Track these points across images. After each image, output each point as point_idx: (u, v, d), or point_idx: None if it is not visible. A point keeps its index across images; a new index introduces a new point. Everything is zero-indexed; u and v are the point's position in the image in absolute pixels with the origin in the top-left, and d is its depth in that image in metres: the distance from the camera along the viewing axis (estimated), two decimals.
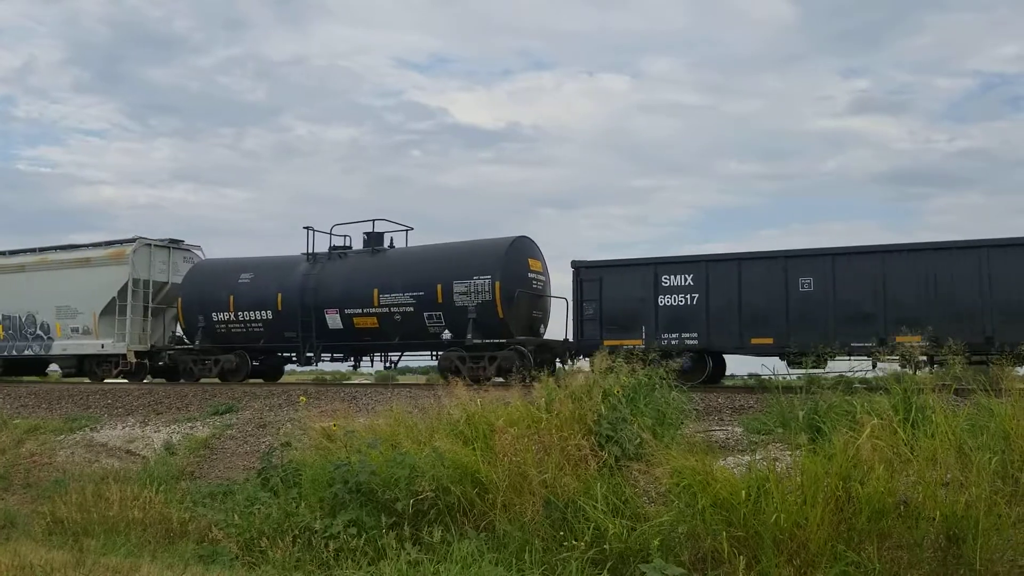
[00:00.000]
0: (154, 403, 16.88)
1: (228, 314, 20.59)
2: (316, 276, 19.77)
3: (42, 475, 13.29)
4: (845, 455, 7.09)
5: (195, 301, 21.15)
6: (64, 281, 22.63)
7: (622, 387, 10.03)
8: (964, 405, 8.50)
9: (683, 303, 16.42)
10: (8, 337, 23.82)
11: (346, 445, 9.17)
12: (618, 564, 7.03)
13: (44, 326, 23.05)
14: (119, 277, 21.85)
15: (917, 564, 6.60)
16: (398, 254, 19.87)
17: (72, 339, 22.51)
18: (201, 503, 10.40)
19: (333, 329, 19.38)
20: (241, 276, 20.72)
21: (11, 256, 24.49)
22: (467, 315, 17.80)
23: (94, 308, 22.03)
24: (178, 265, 22.87)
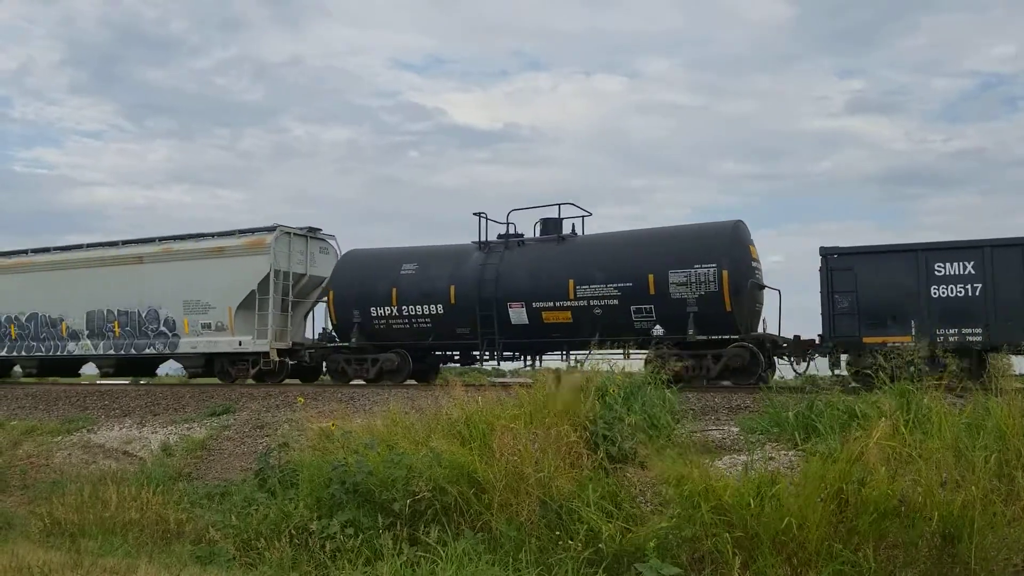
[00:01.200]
0: (151, 404, 16.87)
1: (390, 308, 18.62)
2: (495, 266, 17.75)
3: (39, 476, 13.29)
4: (849, 458, 7.10)
5: (350, 294, 19.17)
6: (193, 273, 20.69)
7: (617, 386, 10.07)
8: (963, 405, 8.53)
9: (962, 294, 14.47)
10: (125, 335, 21.72)
11: (343, 446, 9.18)
12: (613, 564, 7.05)
13: (169, 322, 20.96)
14: (258, 268, 19.96)
15: (913, 563, 6.63)
16: (593, 241, 17.82)
17: (203, 336, 20.47)
18: (198, 504, 10.41)
19: (516, 324, 17.49)
20: (404, 267, 18.79)
21: (125, 246, 22.42)
22: (685, 308, 15.87)
23: (230, 302, 20.08)
24: (315, 256, 21.18)
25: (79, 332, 22.29)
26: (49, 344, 22.95)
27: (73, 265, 22.60)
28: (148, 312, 21.31)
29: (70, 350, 22.52)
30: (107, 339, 21.89)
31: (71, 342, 22.53)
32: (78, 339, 22.37)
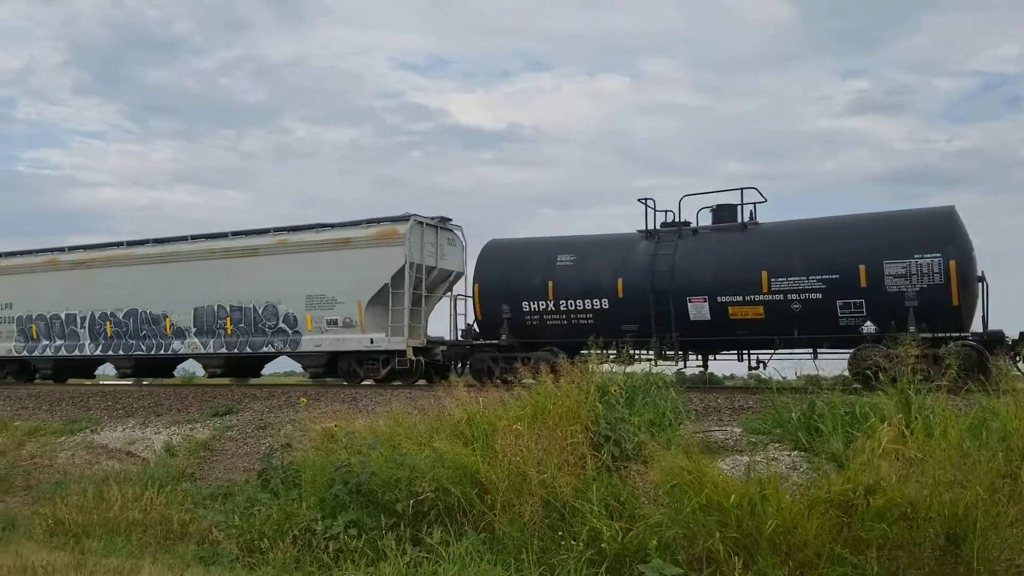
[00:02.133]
0: (154, 405, 16.91)
1: (545, 303, 17.03)
2: (669, 257, 16.19)
3: (43, 477, 13.32)
4: (855, 462, 7.08)
5: (497, 288, 17.61)
6: (317, 265, 19.24)
7: (620, 386, 10.08)
8: (966, 406, 8.52)
9: None
10: (238, 332, 20.20)
11: (346, 446, 9.20)
12: (615, 564, 7.05)
13: (290, 318, 19.48)
14: (392, 260, 18.54)
15: (915, 565, 6.62)
16: (788, 229, 16.20)
17: (328, 333, 18.98)
18: (202, 504, 10.44)
19: (696, 320, 15.91)
20: (559, 258, 17.25)
21: (235, 238, 20.85)
22: (904, 303, 14.28)
23: (359, 297, 18.66)
24: (443, 247, 19.79)
25: (185, 330, 20.88)
26: (151, 343, 21.48)
27: (178, 258, 21.26)
28: (265, 308, 19.82)
29: (175, 349, 21.12)
30: (218, 337, 20.41)
31: (176, 340, 21.07)
32: (184, 337, 20.92)
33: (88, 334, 22.33)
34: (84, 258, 22.82)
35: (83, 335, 22.44)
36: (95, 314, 22.26)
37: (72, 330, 22.62)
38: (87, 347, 22.38)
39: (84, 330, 22.40)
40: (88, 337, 22.37)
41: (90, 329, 22.29)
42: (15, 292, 23.69)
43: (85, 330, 22.37)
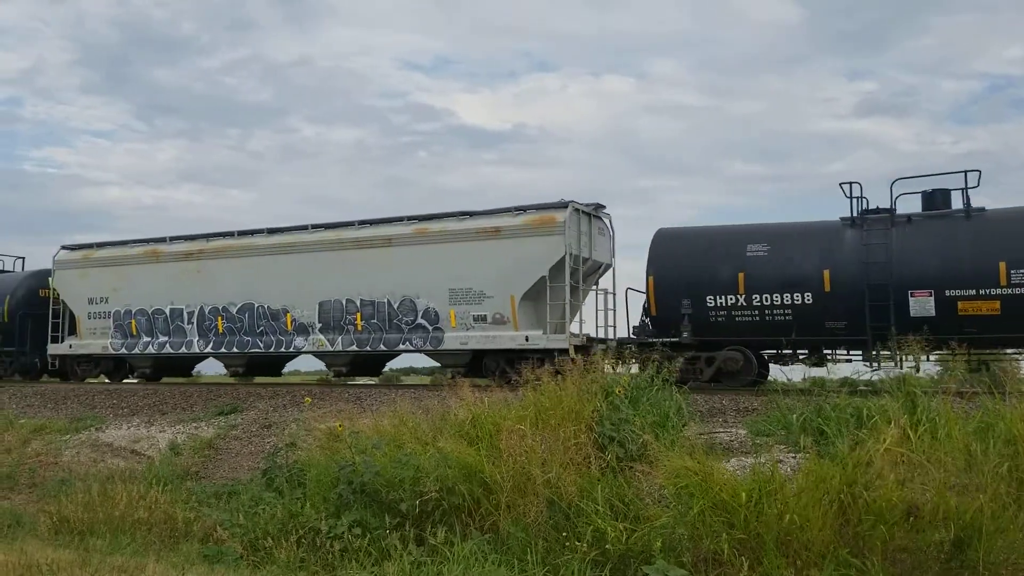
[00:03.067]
0: (159, 403, 16.93)
1: (734, 297, 15.66)
2: (884, 247, 14.91)
3: (48, 475, 13.35)
4: (855, 463, 7.07)
5: (676, 281, 16.21)
6: (461, 257, 17.56)
7: (624, 387, 10.07)
8: (973, 409, 8.49)
9: None
10: (370, 328, 18.49)
11: (351, 446, 9.20)
12: (619, 565, 7.05)
13: (430, 314, 17.82)
14: (550, 250, 16.87)
15: (920, 568, 6.60)
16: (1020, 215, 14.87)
17: (475, 330, 17.36)
18: (206, 503, 10.45)
19: (917, 316, 14.53)
20: (749, 248, 15.88)
21: (363, 227, 19.16)
22: None
23: (512, 291, 16.96)
24: (594, 237, 18.00)
25: (309, 325, 19.11)
26: (269, 339, 19.65)
27: (299, 248, 19.44)
28: (401, 302, 18.14)
29: (297, 346, 19.37)
30: (347, 333, 18.70)
31: (298, 337, 19.27)
32: (307, 333, 19.13)
33: (196, 330, 20.58)
34: (191, 249, 21.06)
35: (190, 331, 20.67)
36: (204, 309, 20.48)
37: (178, 326, 20.85)
38: (195, 344, 20.60)
39: (191, 326, 20.66)
40: (196, 333, 20.57)
41: (198, 325, 20.55)
42: (111, 286, 21.88)
43: (193, 326, 20.63)
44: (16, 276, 25.34)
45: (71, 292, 22.54)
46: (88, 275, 22.26)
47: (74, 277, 22.53)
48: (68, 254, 23.05)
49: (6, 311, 23.68)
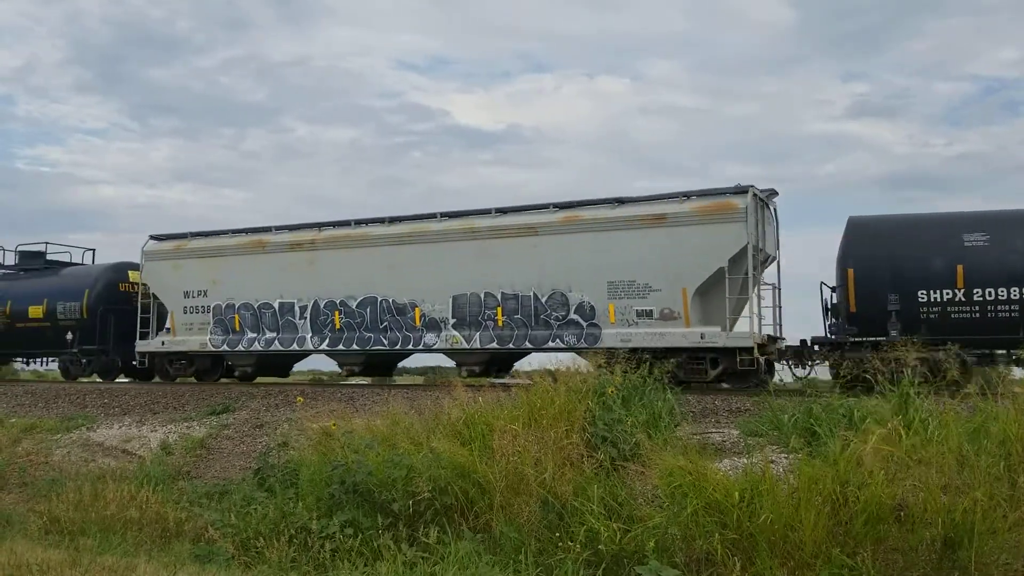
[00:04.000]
0: (151, 403, 16.87)
1: (950, 292, 14.46)
2: None
3: (38, 474, 13.28)
4: (844, 461, 7.11)
5: (880, 273, 14.95)
6: (621, 246, 16.10)
7: (616, 387, 10.08)
8: (964, 410, 8.52)
9: None
10: (513, 324, 16.94)
11: (344, 445, 9.18)
12: (612, 565, 7.05)
13: (584, 308, 16.30)
14: (729, 239, 15.37)
15: (912, 567, 6.62)
16: None
17: (638, 326, 15.81)
18: (197, 503, 10.41)
19: None
20: (966, 237, 14.64)
21: (501, 215, 17.56)
22: None
23: (684, 283, 15.49)
24: (763, 226, 16.31)
25: (441, 321, 17.59)
26: (394, 336, 18.04)
27: (428, 238, 17.95)
28: (550, 296, 16.61)
29: (427, 343, 17.77)
30: (485, 329, 17.14)
31: (429, 333, 17.68)
32: (439, 329, 17.59)
33: (309, 326, 18.90)
34: (301, 239, 19.40)
35: (302, 327, 18.97)
36: (319, 303, 18.80)
37: (288, 321, 19.15)
38: (308, 341, 18.88)
39: (304, 321, 18.98)
40: (309, 329, 18.88)
41: (312, 320, 18.88)
42: (209, 278, 20.24)
43: (305, 321, 18.95)
44: (94, 269, 24.11)
45: (163, 285, 21.07)
46: (182, 267, 20.71)
47: (166, 269, 20.98)
48: (158, 244, 21.34)
49: (85, 307, 22.43)
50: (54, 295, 23.09)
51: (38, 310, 23.18)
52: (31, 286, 24.06)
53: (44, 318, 23.03)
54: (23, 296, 23.76)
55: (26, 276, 24.79)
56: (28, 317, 23.34)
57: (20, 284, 24.43)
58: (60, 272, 24.50)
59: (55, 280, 23.93)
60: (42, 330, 23.21)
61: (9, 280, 24.91)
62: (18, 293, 24.00)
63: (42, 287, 23.75)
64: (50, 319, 22.92)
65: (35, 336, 23.51)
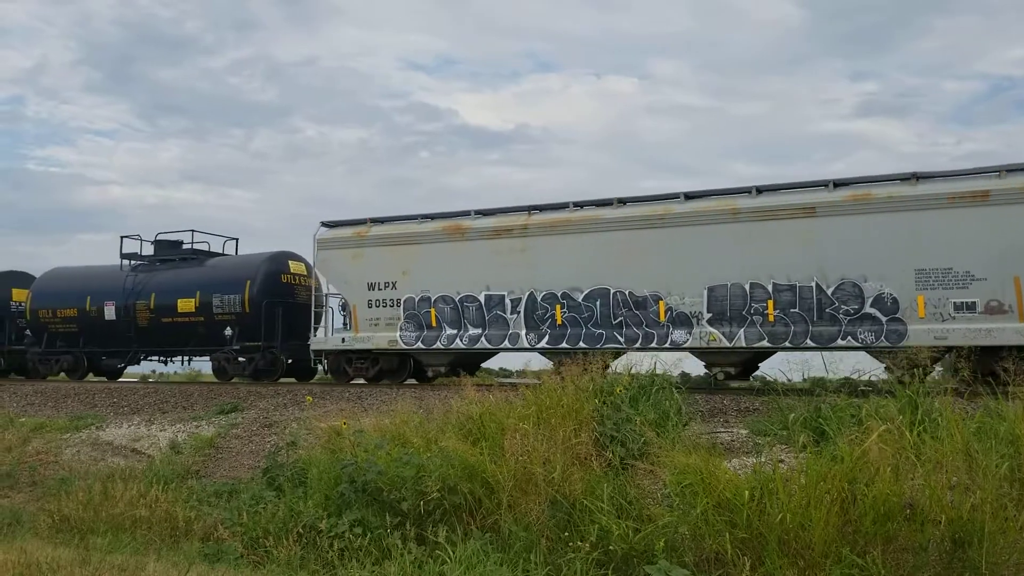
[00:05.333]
0: (159, 402, 16.92)
1: None
2: None
3: (48, 473, 13.34)
4: (851, 457, 7.11)
5: None
6: (930, 228, 14.10)
7: (624, 387, 10.08)
8: (973, 409, 8.50)
9: None
10: (786, 319, 14.85)
11: (353, 444, 9.20)
12: (622, 565, 7.05)
13: (884, 300, 14.33)
14: None
15: (922, 567, 6.61)
16: None
17: (956, 321, 13.90)
18: (206, 502, 10.45)
19: None
20: None
21: (768, 194, 15.53)
22: None
23: (1018, 270, 13.67)
24: None
25: (693, 316, 15.47)
26: (632, 332, 15.81)
27: (670, 221, 15.86)
28: (838, 287, 14.65)
29: (675, 340, 15.65)
30: (752, 325, 15.19)
31: (677, 330, 15.59)
32: (690, 325, 15.45)
33: (523, 320, 16.78)
34: (510, 224, 17.28)
35: (514, 322, 16.87)
36: (536, 295, 16.69)
37: (497, 316, 17.04)
38: (522, 337, 16.74)
39: (516, 316, 16.87)
40: (523, 324, 16.76)
41: (526, 314, 16.76)
42: (399, 268, 18.07)
43: (518, 315, 16.83)
44: (252, 258, 21.76)
45: (341, 276, 18.81)
46: (364, 256, 18.46)
47: (345, 258, 18.66)
48: (333, 232, 19.10)
49: (246, 300, 20.35)
50: (208, 287, 21.03)
51: (189, 303, 21.08)
52: (177, 277, 21.99)
53: (197, 312, 20.98)
54: (169, 288, 21.67)
55: (169, 267, 22.62)
56: (177, 311, 21.25)
57: (164, 276, 22.27)
58: (208, 262, 22.54)
59: (206, 271, 21.93)
60: (193, 325, 21.15)
61: (148, 272, 22.64)
62: (163, 285, 21.90)
63: (192, 278, 21.66)
64: (204, 313, 20.87)
65: (184, 332, 21.44)
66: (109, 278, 22.98)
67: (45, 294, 23.89)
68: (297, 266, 21.27)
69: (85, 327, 22.93)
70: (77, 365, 23.43)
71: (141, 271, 22.76)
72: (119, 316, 22.23)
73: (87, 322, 22.82)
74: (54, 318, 23.38)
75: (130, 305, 22.04)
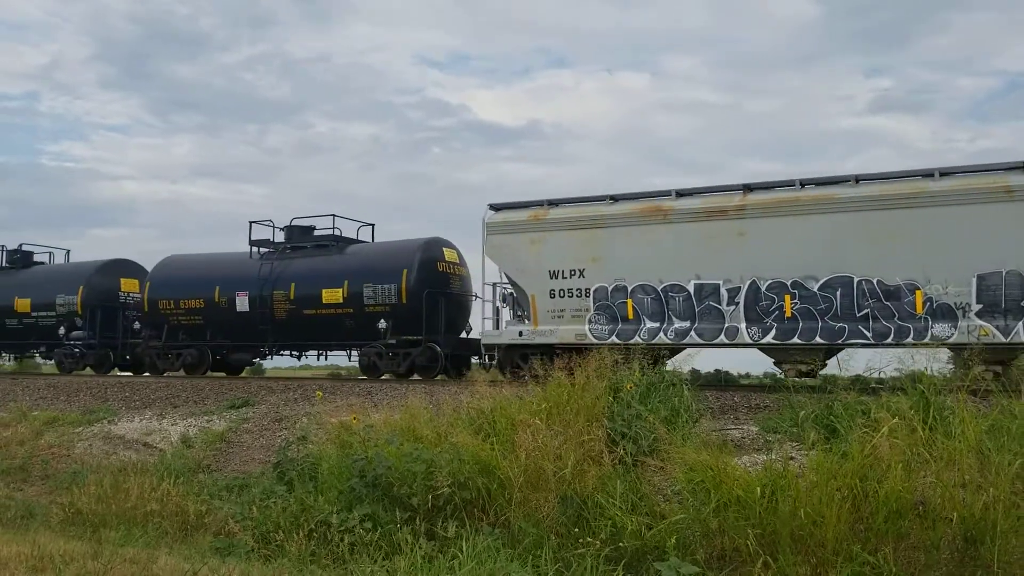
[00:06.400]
0: (171, 396, 16.99)
1: None
2: None
3: (60, 466, 13.42)
4: (862, 453, 7.09)
5: None
6: None
7: (634, 384, 10.07)
8: (986, 407, 8.46)
9: None
10: None
11: (363, 439, 9.21)
12: (633, 561, 7.04)
13: None
14: None
15: (934, 565, 6.59)
16: None
17: None
18: (218, 496, 10.49)
19: None
20: None
21: None
22: None
23: None
24: None
25: (959, 307, 13.71)
26: (883, 327, 14.06)
27: (929, 200, 14.04)
28: None
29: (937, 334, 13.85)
30: None
31: (939, 323, 13.72)
32: (953, 319, 13.60)
33: (742, 313, 15.04)
34: (723, 205, 15.50)
35: (731, 315, 15.11)
36: (759, 284, 14.91)
37: (709, 307, 15.32)
38: (742, 331, 14.95)
39: (734, 307, 15.14)
40: (743, 317, 15.00)
41: (746, 306, 15.04)
42: (588, 254, 16.31)
43: (737, 307, 15.10)
44: (406, 246, 19.88)
45: (517, 263, 17.03)
46: (545, 240, 16.69)
47: (521, 244, 16.96)
48: (504, 215, 17.33)
49: (403, 290, 18.75)
50: (358, 276, 19.35)
51: (336, 294, 19.39)
52: (321, 266, 20.28)
53: (345, 303, 19.30)
54: (312, 277, 20.01)
55: (305, 254, 20.93)
56: (322, 303, 19.58)
57: (303, 264, 20.58)
58: (348, 250, 20.83)
59: (352, 259, 20.23)
60: (340, 318, 19.44)
61: (284, 259, 20.86)
62: (303, 274, 20.20)
63: (338, 267, 19.94)
64: (353, 304, 19.21)
65: (329, 325, 19.69)
66: (238, 266, 21.34)
67: (166, 284, 22.18)
68: (451, 253, 19.89)
69: (212, 319, 21.32)
70: (202, 360, 21.72)
71: (275, 259, 20.94)
72: (253, 307, 20.51)
73: (215, 314, 21.18)
74: (176, 309, 21.69)
75: (266, 296, 20.31)
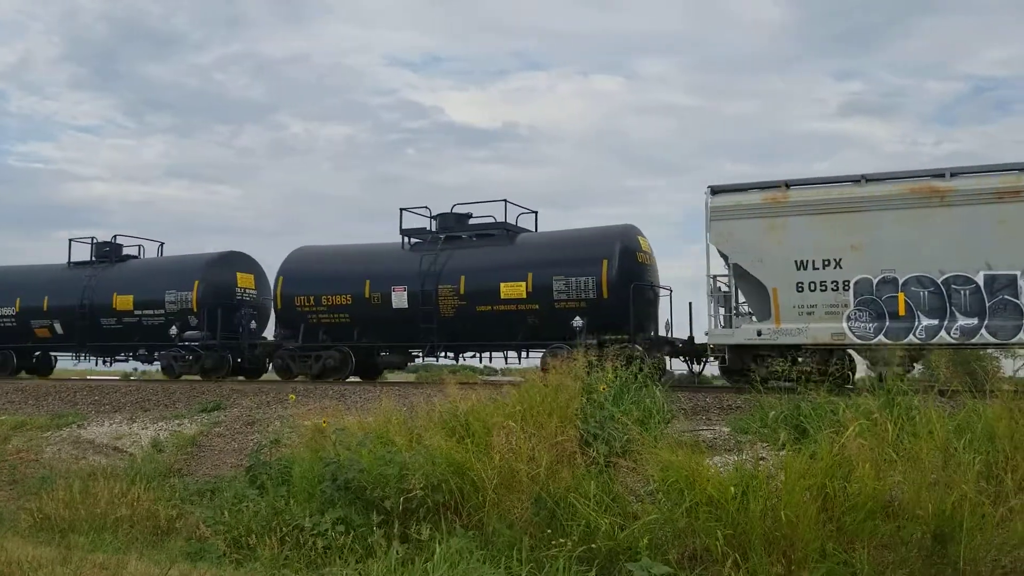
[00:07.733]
0: (141, 400, 16.83)
1: None
2: None
3: (28, 472, 13.24)
4: (829, 453, 7.18)
5: None
6: None
7: (607, 385, 10.13)
8: (951, 407, 8.59)
9: None
10: None
11: (336, 443, 9.19)
12: (605, 562, 7.08)
13: None
14: None
15: (903, 563, 6.68)
16: None
17: None
18: (189, 500, 10.41)
19: None
20: None
21: None
22: None
23: None
24: None
25: None
26: None
27: None
28: None
29: None
30: None
31: None
32: None
33: None
34: (1015, 185, 13.90)
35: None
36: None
37: (1004, 302, 13.69)
38: None
39: None
40: None
41: None
42: (844, 242, 14.61)
43: None
44: (602, 234, 17.78)
45: (752, 252, 15.30)
46: (787, 226, 15.02)
47: (756, 230, 15.26)
48: (732, 198, 15.59)
49: (604, 283, 16.73)
50: (545, 267, 17.40)
51: (518, 288, 17.43)
52: (493, 256, 18.35)
53: (529, 298, 17.36)
54: (486, 270, 18.07)
55: (468, 245, 19.01)
56: (499, 298, 17.59)
57: (471, 254, 18.61)
58: (521, 239, 18.77)
59: (529, 249, 18.25)
60: (522, 314, 17.47)
61: (446, 250, 18.77)
62: (474, 266, 18.25)
63: (516, 257, 18.03)
64: (539, 299, 17.26)
65: (508, 323, 17.66)
66: (391, 258, 19.39)
67: (303, 278, 20.01)
68: (645, 243, 18.02)
69: (361, 317, 19.20)
70: (344, 363, 19.43)
71: (437, 249, 18.90)
72: (413, 304, 18.45)
73: (365, 311, 19.05)
74: (317, 307, 19.54)
75: (429, 291, 18.23)
